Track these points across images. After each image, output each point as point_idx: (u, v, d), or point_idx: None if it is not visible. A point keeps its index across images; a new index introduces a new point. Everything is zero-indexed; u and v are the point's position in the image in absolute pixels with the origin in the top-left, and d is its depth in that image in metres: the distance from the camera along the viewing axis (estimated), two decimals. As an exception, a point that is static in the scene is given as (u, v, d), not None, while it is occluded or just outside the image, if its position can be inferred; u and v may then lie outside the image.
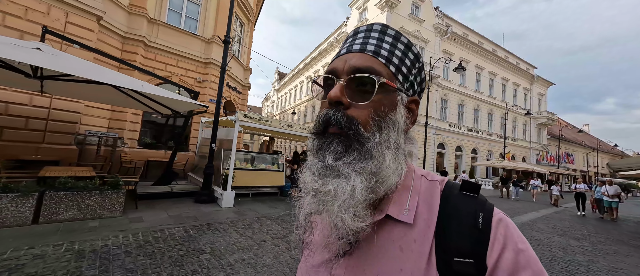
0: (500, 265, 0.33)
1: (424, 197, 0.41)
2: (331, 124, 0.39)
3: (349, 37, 0.46)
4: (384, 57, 0.42)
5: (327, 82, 0.43)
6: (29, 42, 3.79)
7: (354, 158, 0.38)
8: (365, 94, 0.40)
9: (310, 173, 0.40)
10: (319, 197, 0.38)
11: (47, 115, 5.67)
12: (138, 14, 7.85)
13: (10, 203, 3.04)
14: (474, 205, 0.39)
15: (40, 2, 5.50)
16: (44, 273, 2.22)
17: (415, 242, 0.37)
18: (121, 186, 3.89)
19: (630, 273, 3.76)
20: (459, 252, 0.35)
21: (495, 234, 0.36)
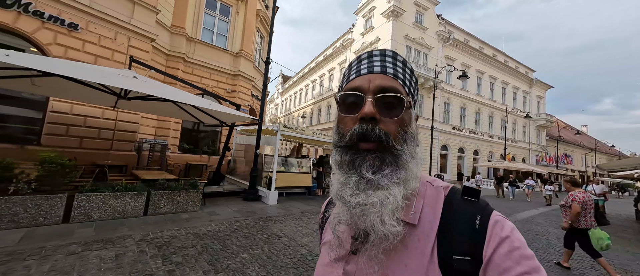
0: (494, 259, 0.37)
1: (428, 201, 0.45)
2: (369, 138, 0.42)
3: (364, 59, 0.49)
4: (400, 79, 0.47)
5: (351, 99, 0.46)
6: (127, 70, 4.72)
7: (390, 170, 0.42)
8: (394, 110, 0.44)
9: (347, 187, 0.43)
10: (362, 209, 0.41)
11: (114, 126, 6.60)
12: (179, 33, 8.81)
13: (131, 199, 3.98)
14: (474, 208, 0.43)
15: (110, 30, 6.44)
16: (186, 246, 3.15)
17: (419, 241, 0.41)
18: (198, 186, 4.82)
19: (609, 256, 4.68)
20: (458, 251, 0.39)
21: (492, 233, 0.39)
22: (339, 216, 0.45)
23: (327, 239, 0.51)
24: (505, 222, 0.40)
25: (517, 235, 0.38)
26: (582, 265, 4.01)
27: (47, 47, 5.57)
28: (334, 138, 0.48)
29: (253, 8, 10.97)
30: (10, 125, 5.53)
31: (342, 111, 0.47)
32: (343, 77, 0.52)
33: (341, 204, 0.44)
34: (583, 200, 3.55)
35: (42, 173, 3.35)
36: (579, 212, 3.51)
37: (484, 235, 0.39)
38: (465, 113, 23.93)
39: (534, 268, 0.35)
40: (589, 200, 3.56)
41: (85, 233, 3.22)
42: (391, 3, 19.57)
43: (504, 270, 0.35)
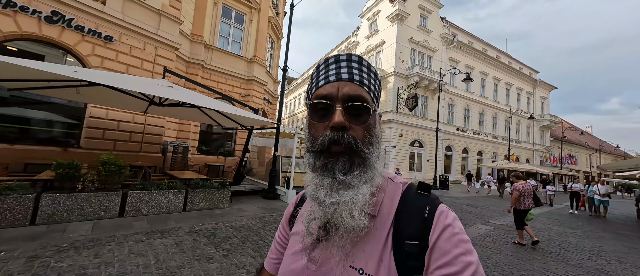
0: (438, 243, 0.42)
1: (388, 195, 0.51)
2: (339, 144, 0.45)
3: (331, 64, 0.52)
4: (366, 85, 0.50)
5: (320, 105, 0.49)
6: (163, 80, 5.22)
7: (359, 171, 0.46)
8: (360, 117, 0.48)
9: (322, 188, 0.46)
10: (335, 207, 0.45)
11: (143, 129, 7.11)
12: (198, 41, 9.32)
13: (172, 196, 4.46)
14: (425, 200, 0.48)
15: (139, 41, 6.96)
16: (228, 236, 3.62)
17: (377, 229, 0.46)
18: (227, 186, 5.30)
19: (606, 249, 5.07)
20: (408, 236, 0.44)
21: (437, 221, 0.44)
22: (314, 213, 0.49)
23: (297, 230, 0.56)
24: (449, 212, 0.46)
25: (458, 223, 0.45)
26: (581, 257, 4.41)
27: (86, 58, 6.09)
28: (307, 142, 0.51)
29: (265, 15, 11.47)
30: (54, 129, 6.06)
31: (313, 118, 0.50)
32: (311, 81, 0.54)
33: (316, 203, 0.47)
34: (521, 189, 4.82)
35: (103, 173, 3.84)
36: (517, 198, 4.80)
37: (431, 222, 0.44)
38: (469, 114, 24.23)
39: (469, 250, 0.41)
40: (527, 189, 4.82)
41: (141, 225, 3.70)
42: (396, 7, 19.98)
43: (445, 251, 0.40)
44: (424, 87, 20.51)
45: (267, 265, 0.63)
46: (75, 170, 3.59)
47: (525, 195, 4.81)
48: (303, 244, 0.51)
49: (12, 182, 3.27)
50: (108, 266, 2.47)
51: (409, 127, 19.89)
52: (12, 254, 2.51)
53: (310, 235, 0.50)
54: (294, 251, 0.53)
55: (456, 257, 0.39)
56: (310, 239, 0.50)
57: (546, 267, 3.72)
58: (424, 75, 19.66)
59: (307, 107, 0.52)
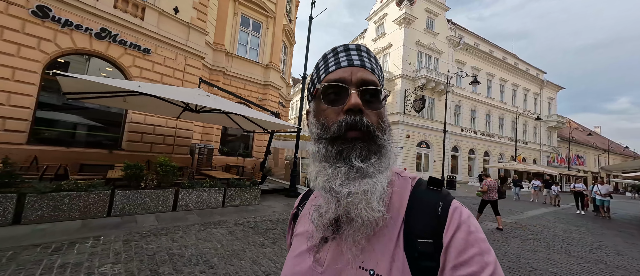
0: (453, 243, 0.39)
1: (397, 190, 0.48)
2: (357, 128, 0.43)
3: (341, 52, 0.50)
4: (376, 73, 0.49)
5: (332, 90, 0.46)
6: (199, 89, 5.82)
7: (377, 158, 0.44)
8: (375, 103, 0.46)
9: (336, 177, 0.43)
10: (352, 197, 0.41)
11: (175, 133, 7.75)
12: (219, 50, 9.95)
13: (214, 193, 5.05)
14: (437, 197, 0.45)
15: (171, 52, 7.59)
16: (269, 228, 4.18)
17: (387, 227, 0.43)
18: (258, 185, 5.87)
19: (607, 244, 5.49)
20: (421, 234, 0.41)
21: (451, 219, 0.42)
22: (323, 207, 0.45)
23: (300, 231, 0.54)
24: (463, 209, 0.44)
25: (473, 221, 0.42)
26: (582, 250, 4.85)
27: (128, 69, 6.74)
28: (315, 130, 0.48)
29: (280, 23, 12.06)
30: (100, 133, 6.72)
31: (325, 102, 0.47)
32: (317, 68, 0.52)
33: (329, 195, 0.44)
34: (489, 184, 6.21)
35: (161, 173, 4.44)
36: (485, 191, 6.16)
37: (445, 220, 0.42)
38: (475, 115, 24.48)
39: (486, 249, 0.39)
40: (493, 185, 6.20)
41: (194, 219, 4.29)
42: (403, 11, 20.40)
43: (461, 250, 0.38)
44: (430, 89, 20.88)
45: None
46: (140, 170, 4.19)
47: (491, 189, 6.17)
48: (309, 244, 0.48)
49: (93, 180, 3.88)
50: (187, 249, 3.04)
51: (416, 128, 20.28)
52: (108, 238, 3.11)
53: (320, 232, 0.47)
54: (298, 253, 0.50)
55: (473, 257, 0.38)
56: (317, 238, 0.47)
57: (549, 258, 4.19)
58: (431, 77, 20.03)
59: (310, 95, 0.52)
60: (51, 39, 5.53)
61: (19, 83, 5.16)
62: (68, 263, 2.44)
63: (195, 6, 8.19)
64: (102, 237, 3.11)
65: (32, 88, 5.34)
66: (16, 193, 3.16)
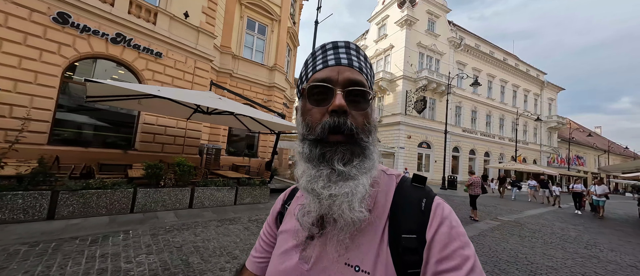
0: (436, 237, 0.41)
1: (382, 188, 0.49)
2: (341, 131, 0.43)
3: (329, 49, 0.49)
4: (364, 73, 0.48)
5: (318, 89, 0.46)
6: (211, 92, 6.07)
7: (359, 161, 0.44)
8: (361, 104, 0.46)
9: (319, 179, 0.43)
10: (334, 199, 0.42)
11: (185, 134, 8.00)
12: (226, 52, 10.21)
13: (227, 192, 5.30)
14: (420, 193, 0.47)
15: (182, 55, 7.84)
16: (282, 225, 4.44)
17: (372, 224, 0.45)
18: (267, 183, 6.12)
19: (601, 241, 5.72)
20: (405, 230, 0.43)
21: (434, 215, 0.43)
22: (307, 207, 0.46)
23: (286, 228, 0.54)
24: (445, 205, 0.45)
25: (454, 216, 0.44)
26: (578, 246, 5.09)
27: (141, 72, 6.99)
28: (301, 130, 0.48)
29: (285, 26, 12.31)
30: (114, 134, 6.97)
31: (311, 102, 0.47)
32: (306, 66, 0.52)
33: (311, 196, 0.45)
34: (473, 180, 7.01)
35: (178, 172, 4.69)
36: (469, 185, 7.00)
37: (428, 215, 0.43)
38: (476, 116, 24.71)
39: (466, 242, 0.41)
40: (477, 181, 7.00)
41: (210, 215, 4.54)
42: (405, 12, 20.63)
43: (444, 245, 0.40)
44: (432, 90, 21.12)
45: (249, 264, 0.60)
46: (159, 169, 4.44)
47: (475, 185, 6.99)
48: (295, 242, 0.49)
49: (117, 179, 4.14)
50: (209, 242, 3.29)
51: (417, 128, 20.52)
52: (136, 232, 3.36)
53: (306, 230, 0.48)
54: (284, 250, 0.50)
55: (455, 251, 0.39)
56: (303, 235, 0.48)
57: (546, 252, 4.43)
58: (432, 79, 20.26)
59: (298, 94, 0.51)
60: (70, 44, 5.79)
61: (41, 87, 5.42)
62: (107, 253, 2.69)
63: (204, 11, 8.45)
64: (131, 231, 3.36)
65: (52, 91, 5.60)
66: (50, 191, 3.42)
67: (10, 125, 5.01)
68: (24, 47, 5.21)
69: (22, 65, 5.20)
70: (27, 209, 3.26)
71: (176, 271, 2.46)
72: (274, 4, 11.82)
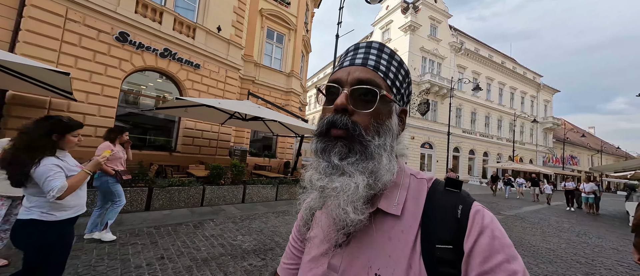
0: (476, 249, 0.37)
1: (412, 193, 0.46)
2: (337, 126, 0.43)
3: (350, 51, 0.51)
4: (382, 72, 0.47)
5: (331, 90, 0.47)
6: (248, 101, 6.86)
7: (357, 158, 0.42)
8: (368, 103, 0.45)
9: (316, 171, 0.44)
10: (325, 192, 0.42)
11: (218, 137, 8.79)
12: (249, 61, 10.99)
13: (270, 189, 6.12)
14: (456, 199, 0.43)
15: (215, 66, 8.62)
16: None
17: (403, 232, 0.42)
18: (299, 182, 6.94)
19: (591, 232, 6.63)
20: (440, 240, 0.39)
21: (473, 223, 0.40)
22: (313, 202, 0.48)
23: (312, 235, 0.52)
24: (486, 212, 0.41)
25: (497, 225, 0.40)
26: (570, 235, 5.99)
27: (182, 82, 7.77)
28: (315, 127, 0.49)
29: (300, 34, 13.12)
30: (158, 138, 7.74)
31: (325, 103, 0.49)
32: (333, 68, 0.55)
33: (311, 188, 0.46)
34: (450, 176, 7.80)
35: (235, 172, 5.50)
36: None
37: (465, 224, 0.40)
38: (475, 117, 25.72)
39: (513, 255, 0.36)
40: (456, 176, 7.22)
41: (262, 209, 5.36)
42: (408, 18, 21.52)
43: (486, 257, 0.36)
44: (434, 93, 22.05)
45: (280, 270, 0.60)
46: (221, 170, 5.25)
47: None
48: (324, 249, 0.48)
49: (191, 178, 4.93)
50: (278, 228, 4.11)
51: (419, 130, 21.44)
52: (218, 221, 4.17)
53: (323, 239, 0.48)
54: (313, 257, 0.49)
55: (499, 265, 0.35)
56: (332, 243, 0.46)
57: (545, 239, 5.31)
58: (435, 82, 21.19)
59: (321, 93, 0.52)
60: (128, 59, 6.55)
61: (106, 97, 6.18)
62: (212, 235, 3.51)
63: (233, 24, 9.23)
64: (214, 219, 4.18)
65: (114, 101, 6.36)
66: (147, 188, 4.21)
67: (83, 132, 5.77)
68: (93, 63, 5.97)
69: (92, 79, 5.96)
70: (132, 202, 4.06)
71: (272, 246, 3.29)
72: (291, 14, 12.62)
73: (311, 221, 0.52)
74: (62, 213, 1.49)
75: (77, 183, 1.51)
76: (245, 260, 2.83)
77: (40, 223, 1.40)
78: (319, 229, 0.50)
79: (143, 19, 6.73)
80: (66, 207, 1.51)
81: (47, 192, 1.37)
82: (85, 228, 3.02)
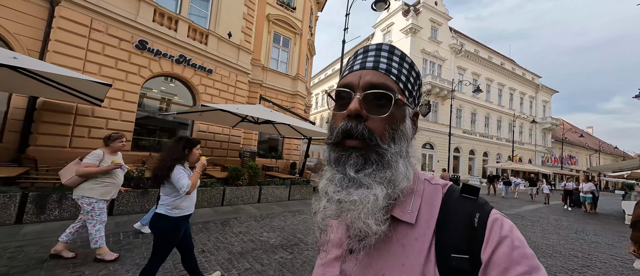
0: (494, 259, 0.36)
1: (426, 199, 0.45)
2: (353, 135, 0.42)
3: (359, 54, 0.49)
4: (394, 75, 0.46)
5: (342, 95, 0.46)
6: (261, 106, 7.17)
7: (374, 169, 0.41)
8: (382, 108, 0.43)
9: (331, 183, 0.43)
10: (343, 205, 0.41)
11: (228, 139, 9.09)
12: (257, 65, 11.30)
13: (283, 190, 6.43)
14: (472, 206, 0.42)
15: (226, 70, 8.92)
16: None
17: (417, 240, 0.41)
18: (310, 183, 7.25)
19: (588, 229, 6.97)
20: (455, 249, 0.38)
21: (491, 232, 0.38)
22: (325, 210, 0.45)
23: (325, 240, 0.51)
24: (505, 220, 0.40)
25: (517, 234, 0.38)
26: (568, 231, 6.32)
27: (196, 87, 8.07)
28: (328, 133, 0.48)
29: (305, 38, 13.43)
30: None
31: (335, 108, 0.48)
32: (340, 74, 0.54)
33: (325, 199, 0.44)
34: (443, 176, 8.33)
35: (251, 174, 5.81)
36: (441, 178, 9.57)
37: (483, 233, 0.38)
38: (475, 118, 26.08)
39: (534, 267, 0.35)
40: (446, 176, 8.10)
41: (278, 208, 5.66)
42: (409, 21, 21.87)
43: (505, 269, 0.35)
44: (435, 94, 22.40)
45: None
46: (239, 171, 5.56)
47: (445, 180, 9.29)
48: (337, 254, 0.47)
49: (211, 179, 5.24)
50: (298, 225, 4.43)
51: (420, 130, 21.72)
52: (242, 219, 4.48)
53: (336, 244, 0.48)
54: (326, 261, 0.49)
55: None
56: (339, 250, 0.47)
57: (544, 236, 5.64)
58: (436, 84, 21.54)
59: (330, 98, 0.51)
60: (146, 66, 6.85)
61: (126, 103, 6.48)
62: (240, 232, 3.82)
63: (243, 30, 9.54)
64: (237, 218, 4.49)
65: (134, 105, 6.66)
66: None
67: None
68: (115, 70, 6.27)
69: (114, 85, 6.25)
70: (162, 202, 4.36)
71: (296, 241, 3.60)
72: (296, 19, 12.93)
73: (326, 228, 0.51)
74: (177, 211, 1.95)
75: (195, 180, 2.06)
76: (276, 254, 3.15)
77: (164, 217, 1.91)
78: (333, 235, 0.50)
79: (160, 27, 7.04)
80: (181, 207, 1.98)
81: (180, 188, 1.90)
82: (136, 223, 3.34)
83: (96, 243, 2.54)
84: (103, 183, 2.66)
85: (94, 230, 2.54)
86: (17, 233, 2.99)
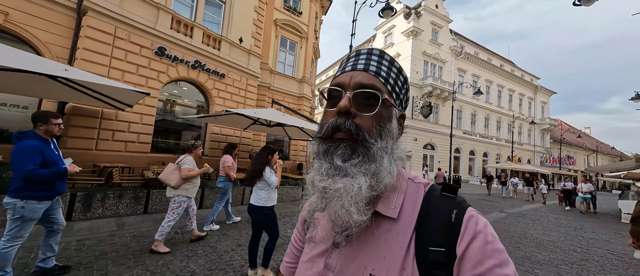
0: (468, 253, 0.39)
1: (408, 197, 0.47)
2: (341, 130, 0.44)
3: (352, 57, 0.53)
4: (383, 77, 0.49)
5: (333, 94, 0.48)
6: (272, 109, 7.47)
7: (359, 160, 0.43)
8: (370, 107, 0.46)
9: (318, 173, 0.45)
10: (328, 194, 0.43)
11: (240, 141, 9.39)
12: (265, 68, 11.60)
13: (297, 189, 6.74)
14: (451, 204, 0.45)
15: (237, 74, 9.22)
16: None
17: (398, 235, 0.44)
18: (321, 183, 7.57)
19: (587, 227, 7.31)
20: (433, 242, 0.41)
21: (466, 228, 0.41)
22: (314, 204, 0.48)
23: (311, 235, 0.53)
24: (479, 217, 0.43)
25: (490, 230, 0.41)
26: (567, 229, 6.66)
27: (210, 91, 8.37)
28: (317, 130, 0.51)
29: (311, 42, 13.74)
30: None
31: (326, 106, 0.50)
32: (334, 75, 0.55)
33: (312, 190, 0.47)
34: (437, 174, 10.18)
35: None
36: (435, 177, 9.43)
37: (459, 228, 0.41)
38: (475, 119, 26.48)
39: (504, 260, 0.38)
40: (441, 175, 10.03)
41: (294, 208, 5.96)
42: (411, 24, 22.22)
43: (477, 262, 0.37)
44: (436, 96, 22.77)
45: (283, 269, 0.61)
46: (257, 173, 5.86)
47: (439, 177, 9.30)
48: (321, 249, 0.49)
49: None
50: (317, 223, 4.74)
51: (422, 131, 22.14)
52: (263, 218, 4.78)
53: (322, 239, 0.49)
54: (309, 258, 0.51)
55: (490, 270, 0.36)
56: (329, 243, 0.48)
57: (545, 233, 5.98)
58: (436, 85, 21.91)
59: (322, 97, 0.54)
60: (165, 71, 7.14)
61: (147, 107, 6.77)
62: (265, 229, 4.11)
63: (253, 35, 9.85)
64: (261, 217, 4.78)
65: (153, 109, 6.95)
66: (200, 189, 4.82)
67: (129, 138, 6.39)
68: (136, 76, 6.56)
69: (136, 91, 6.54)
70: (189, 202, 4.66)
71: (320, 238, 3.92)
72: (302, 23, 13.24)
73: (311, 222, 0.53)
74: (271, 202, 2.61)
75: (279, 177, 2.68)
76: (304, 248, 3.46)
77: (259, 207, 2.55)
78: (318, 230, 0.52)
79: (177, 34, 7.33)
80: (273, 198, 2.62)
81: (271, 183, 2.53)
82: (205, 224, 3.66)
83: (161, 236, 2.88)
84: (193, 184, 3.17)
85: (167, 224, 2.91)
86: (72, 229, 3.29)
